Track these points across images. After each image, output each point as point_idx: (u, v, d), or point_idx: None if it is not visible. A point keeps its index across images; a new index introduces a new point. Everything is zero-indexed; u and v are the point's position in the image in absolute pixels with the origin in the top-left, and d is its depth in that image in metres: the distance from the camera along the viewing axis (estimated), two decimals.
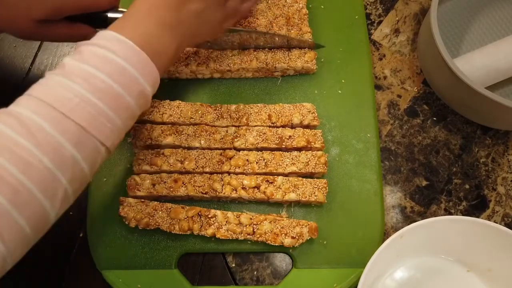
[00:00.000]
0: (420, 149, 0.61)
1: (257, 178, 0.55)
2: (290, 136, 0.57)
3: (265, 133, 0.57)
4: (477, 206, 0.59)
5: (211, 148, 0.57)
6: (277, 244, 0.54)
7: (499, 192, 0.60)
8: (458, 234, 0.52)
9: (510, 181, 0.60)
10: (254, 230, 0.54)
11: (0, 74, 0.67)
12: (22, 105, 0.37)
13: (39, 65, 0.67)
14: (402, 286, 0.54)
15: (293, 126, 0.58)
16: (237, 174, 0.56)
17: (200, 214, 0.54)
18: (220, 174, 0.56)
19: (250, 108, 0.59)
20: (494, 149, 0.61)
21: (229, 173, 0.56)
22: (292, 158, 0.56)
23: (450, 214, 0.59)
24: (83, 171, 0.38)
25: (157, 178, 0.55)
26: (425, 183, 0.60)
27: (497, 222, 0.57)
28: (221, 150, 0.57)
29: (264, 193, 0.54)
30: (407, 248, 0.52)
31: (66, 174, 0.36)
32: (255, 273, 0.56)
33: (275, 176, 0.55)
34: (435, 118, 0.63)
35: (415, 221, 0.52)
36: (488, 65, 0.58)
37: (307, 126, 0.58)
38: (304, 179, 0.55)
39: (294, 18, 0.62)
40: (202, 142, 0.57)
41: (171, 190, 0.55)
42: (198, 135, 0.57)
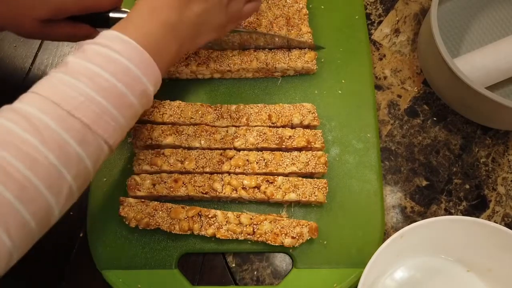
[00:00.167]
0: (420, 149, 0.61)
1: (257, 178, 0.55)
2: (290, 136, 0.57)
3: (265, 133, 0.57)
4: (477, 206, 0.59)
5: (211, 148, 0.57)
6: (277, 244, 0.54)
7: (499, 192, 0.60)
8: (458, 234, 0.52)
9: (510, 181, 0.60)
10: (254, 230, 0.54)
11: (0, 74, 0.67)
12: (27, 102, 0.37)
13: (39, 65, 0.67)
14: (402, 286, 0.54)
15: (293, 126, 0.58)
16: (237, 174, 0.56)
17: (200, 214, 0.54)
18: (220, 174, 0.56)
19: (250, 108, 0.59)
20: (494, 149, 0.61)
21: (229, 173, 0.56)
22: (292, 158, 0.56)
23: (450, 214, 0.59)
24: (87, 168, 0.39)
25: (157, 178, 0.55)
26: (425, 183, 0.60)
27: (497, 222, 0.57)
28: (221, 150, 0.57)
29: (264, 193, 0.55)
30: (407, 248, 0.52)
31: (71, 171, 0.37)
32: (255, 273, 0.56)
33: (275, 176, 0.55)
34: (435, 118, 0.63)
35: (415, 221, 0.52)
36: (488, 65, 0.58)
37: (307, 126, 0.58)
38: (304, 179, 0.55)
39: (294, 18, 0.62)
40: (202, 142, 0.57)
41: (171, 190, 0.55)
42: (198, 135, 0.57)
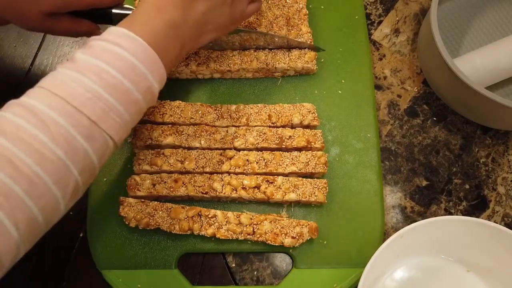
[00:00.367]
0: (420, 149, 0.61)
1: (257, 178, 0.55)
2: (290, 136, 0.57)
3: (265, 133, 0.57)
4: (477, 206, 0.59)
5: (211, 148, 0.57)
6: (277, 244, 0.54)
7: (499, 192, 0.60)
8: (458, 234, 0.52)
9: (510, 181, 0.60)
10: (254, 230, 0.54)
11: (0, 74, 0.67)
12: (35, 97, 0.37)
13: (39, 65, 0.67)
14: (402, 286, 0.54)
15: (293, 126, 0.58)
16: (237, 174, 0.56)
17: (200, 214, 0.54)
18: (220, 174, 0.56)
19: (250, 108, 0.59)
20: (494, 149, 0.61)
21: (229, 173, 0.56)
22: (292, 158, 0.56)
23: (450, 214, 0.59)
24: (93, 164, 0.39)
25: (157, 178, 0.55)
26: (425, 183, 0.60)
27: (497, 222, 0.57)
28: (221, 150, 0.57)
29: (264, 193, 0.54)
30: (407, 248, 0.52)
31: (77, 166, 0.37)
32: (255, 273, 0.56)
33: (275, 176, 0.55)
34: (435, 118, 0.63)
35: (415, 221, 0.52)
36: (488, 65, 0.58)
37: (307, 126, 0.58)
38: (304, 179, 0.55)
39: (294, 18, 0.62)
40: (202, 142, 0.57)
41: (171, 190, 0.55)
42: (198, 135, 0.57)
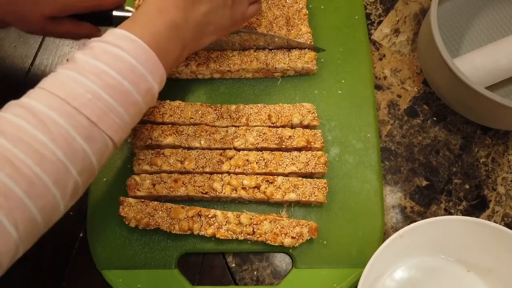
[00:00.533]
0: (420, 149, 0.61)
1: (257, 178, 0.55)
2: (290, 136, 0.57)
3: (265, 133, 0.57)
4: (477, 206, 0.59)
5: (211, 148, 0.57)
6: (277, 244, 0.54)
7: (499, 192, 0.60)
8: (458, 234, 0.52)
9: (510, 181, 0.60)
10: (254, 230, 0.54)
11: (0, 74, 0.67)
12: (35, 98, 0.37)
13: (39, 65, 0.67)
14: (402, 286, 0.54)
15: (293, 126, 0.58)
16: (237, 174, 0.56)
17: (200, 214, 0.54)
18: (220, 174, 0.56)
19: (250, 108, 0.59)
20: (494, 149, 0.61)
21: (229, 173, 0.56)
22: (292, 158, 0.56)
23: (450, 214, 0.59)
24: (92, 164, 0.39)
25: (157, 178, 0.55)
26: (425, 183, 0.60)
27: (497, 222, 0.57)
28: (221, 150, 0.57)
29: (264, 193, 0.54)
30: (407, 248, 0.52)
31: (77, 166, 0.37)
32: (255, 273, 0.56)
33: (275, 176, 0.55)
34: (435, 118, 0.63)
35: (415, 221, 0.52)
36: (488, 65, 0.58)
37: (307, 126, 0.58)
38: (304, 179, 0.55)
39: (294, 18, 0.62)
40: (202, 142, 0.57)
41: (171, 190, 0.55)
42: (198, 135, 0.57)
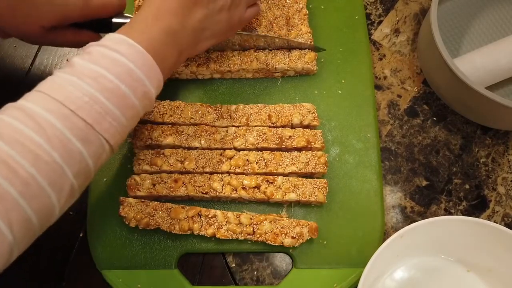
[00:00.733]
0: (420, 149, 0.61)
1: (257, 178, 0.55)
2: (290, 136, 0.57)
3: (265, 133, 0.57)
4: (477, 206, 0.59)
5: (211, 148, 0.57)
6: (277, 244, 0.54)
7: (499, 192, 0.60)
8: (458, 234, 0.52)
9: (510, 181, 0.60)
10: (254, 230, 0.54)
11: (0, 74, 0.67)
12: (32, 100, 0.38)
13: (39, 65, 0.67)
14: (402, 286, 0.54)
15: (293, 126, 0.58)
16: (237, 174, 0.56)
17: (200, 214, 0.54)
18: (220, 174, 0.56)
19: (250, 108, 0.59)
20: (494, 149, 0.61)
21: (229, 173, 0.56)
22: (292, 158, 0.56)
23: (450, 214, 0.59)
24: (88, 167, 0.39)
25: (157, 178, 0.55)
26: (425, 183, 0.60)
27: (497, 222, 0.57)
28: (221, 150, 0.57)
29: (264, 193, 0.54)
30: (407, 248, 0.52)
31: (73, 169, 0.37)
32: (255, 273, 0.56)
33: (275, 176, 0.55)
34: (435, 118, 0.63)
35: (415, 221, 0.52)
36: (488, 65, 0.58)
37: (307, 126, 0.58)
38: (304, 179, 0.55)
39: (294, 18, 0.62)
40: (202, 142, 0.57)
41: (171, 190, 0.55)
42: (198, 135, 0.57)
